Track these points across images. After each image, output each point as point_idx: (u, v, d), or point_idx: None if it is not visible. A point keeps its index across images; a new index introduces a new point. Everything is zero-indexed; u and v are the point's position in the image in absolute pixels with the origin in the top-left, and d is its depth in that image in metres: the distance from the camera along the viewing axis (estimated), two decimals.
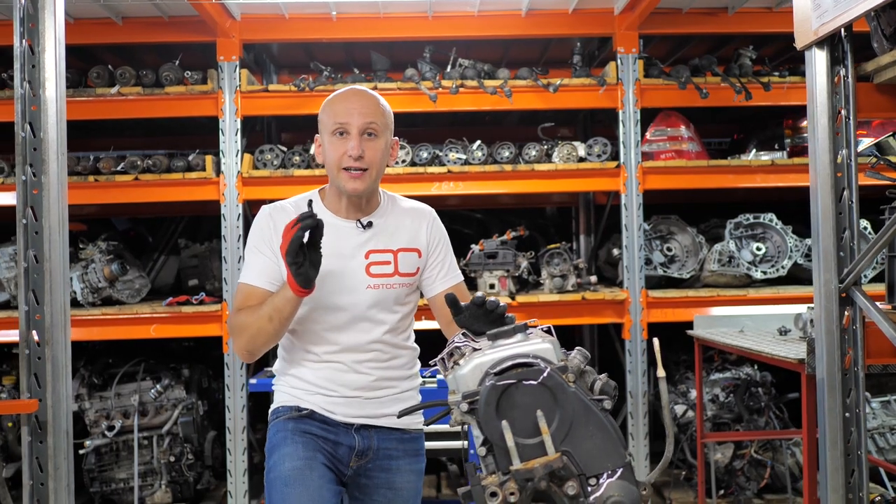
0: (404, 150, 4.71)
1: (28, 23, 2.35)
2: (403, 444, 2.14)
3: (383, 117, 2.08)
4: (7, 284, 4.56)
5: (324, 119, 2.09)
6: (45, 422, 2.39)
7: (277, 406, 2.14)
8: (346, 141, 2.02)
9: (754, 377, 4.83)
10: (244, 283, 2.07)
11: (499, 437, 1.41)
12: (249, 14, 4.63)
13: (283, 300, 1.92)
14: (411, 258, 2.13)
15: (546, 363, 1.46)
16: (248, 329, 1.97)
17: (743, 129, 5.76)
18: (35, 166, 2.41)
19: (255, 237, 2.09)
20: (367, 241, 2.09)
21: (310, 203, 1.87)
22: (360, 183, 2.02)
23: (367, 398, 2.09)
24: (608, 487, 1.40)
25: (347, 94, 2.09)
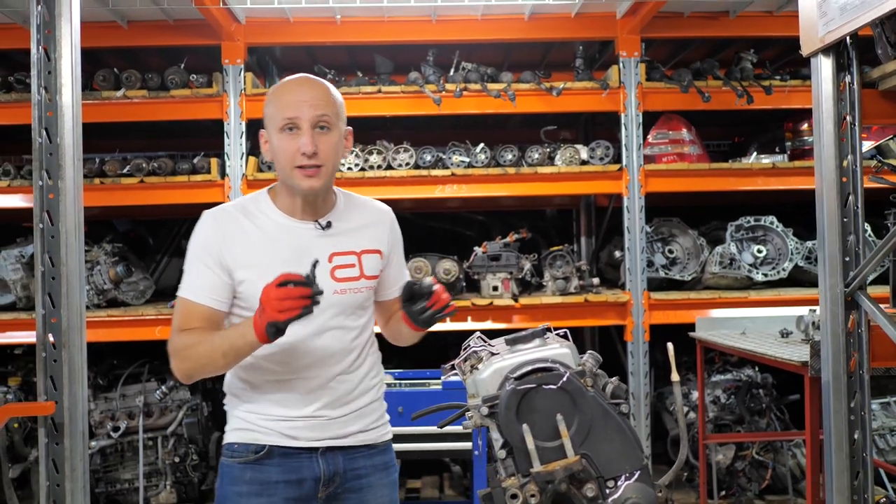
0: (408, 152, 4.73)
1: (44, 29, 2.38)
2: (372, 460, 1.99)
3: (335, 107, 1.92)
4: (14, 286, 4.58)
5: (270, 113, 1.90)
6: (61, 423, 2.42)
7: (231, 442, 1.94)
8: (298, 136, 1.85)
9: (755, 379, 4.87)
10: (186, 298, 1.88)
11: (519, 440, 1.44)
12: (254, 17, 4.65)
13: (244, 343, 1.76)
14: (374, 260, 2.00)
15: (565, 368, 1.50)
16: (195, 358, 1.83)
17: (744, 132, 5.80)
18: (51, 171, 2.44)
19: (198, 246, 1.90)
20: (328, 243, 1.94)
21: (314, 265, 1.70)
22: (316, 181, 1.86)
23: (330, 418, 1.92)
24: (626, 489, 1.44)
25: (294, 85, 1.92)
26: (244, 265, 1.87)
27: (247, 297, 1.88)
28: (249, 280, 1.86)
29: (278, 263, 1.81)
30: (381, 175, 4.66)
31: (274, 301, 1.66)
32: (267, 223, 1.92)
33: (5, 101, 4.53)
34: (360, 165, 4.69)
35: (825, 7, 2.42)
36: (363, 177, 4.66)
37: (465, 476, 4.93)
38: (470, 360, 1.71)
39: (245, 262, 1.87)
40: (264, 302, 1.68)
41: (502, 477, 1.49)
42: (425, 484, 5.12)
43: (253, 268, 1.86)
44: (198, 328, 1.86)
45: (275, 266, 1.79)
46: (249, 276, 1.86)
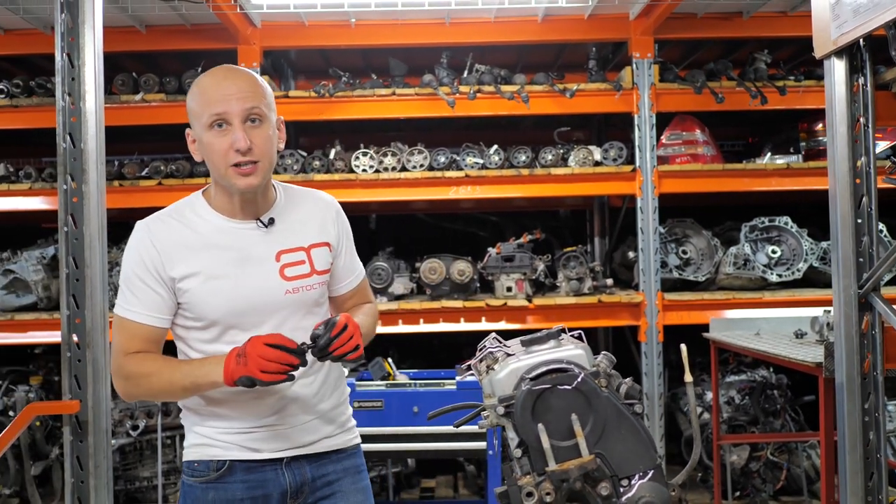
0: (422, 154, 4.77)
1: (68, 37, 2.43)
2: (341, 464, 1.90)
3: (265, 97, 1.78)
4: (35, 286, 4.65)
5: (196, 109, 1.76)
6: (85, 421, 2.47)
7: (191, 459, 1.84)
8: (228, 133, 1.72)
9: (770, 380, 4.87)
10: (126, 318, 1.77)
11: (535, 439, 1.47)
12: (269, 21, 4.70)
13: (207, 382, 1.70)
14: (323, 253, 1.88)
15: (580, 369, 1.53)
16: (149, 388, 1.75)
17: (758, 132, 5.80)
18: (75, 175, 2.49)
19: (134, 262, 1.77)
20: (274, 241, 1.82)
21: (308, 345, 1.66)
22: (255, 178, 1.74)
23: (292, 426, 1.83)
24: (640, 488, 1.47)
25: (219, 78, 1.77)
26: (186, 274, 1.76)
27: (192, 307, 1.77)
28: (193, 289, 1.76)
29: (222, 268, 1.76)
30: (396, 177, 4.70)
31: (260, 360, 1.60)
32: (205, 227, 1.80)
33: (27, 104, 4.60)
34: (375, 167, 4.73)
35: (838, 10, 2.44)
36: (377, 178, 4.70)
37: (479, 475, 4.96)
38: (486, 360, 1.74)
39: (187, 271, 1.76)
40: (249, 354, 1.61)
41: (518, 475, 1.52)
42: (440, 483, 5.16)
43: (196, 276, 1.76)
44: (144, 352, 1.77)
45: (219, 271, 1.75)
46: (193, 284, 1.76)
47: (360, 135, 5.34)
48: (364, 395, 4.03)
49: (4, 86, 4.60)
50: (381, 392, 4.04)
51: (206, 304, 1.76)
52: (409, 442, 3.99)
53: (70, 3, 2.40)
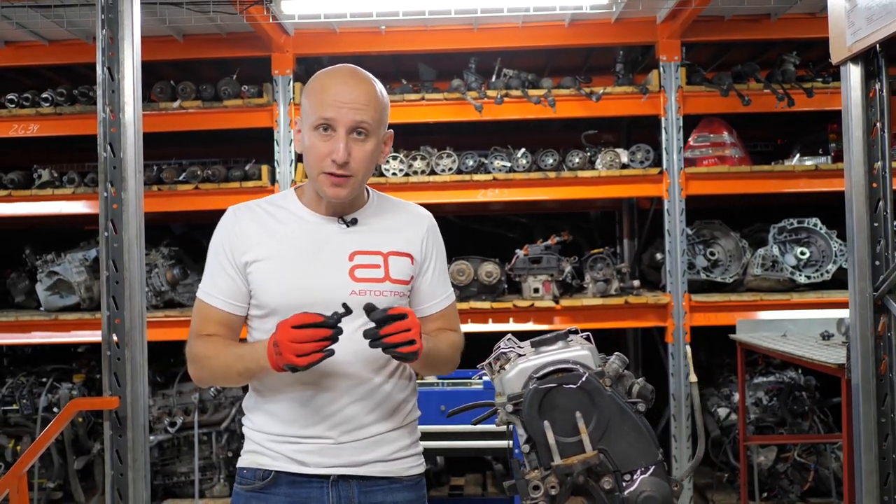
0: (450, 158, 4.85)
1: (108, 52, 2.57)
2: (393, 496, 1.79)
3: (378, 113, 1.74)
4: (78, 287, 4.84)
5: (307, 106, 1.75)
6: (124, 417, 2.61)
7: (242, 466, 1.83)
8: (331, 140, 1.70)
9: (798, 381, 4.87)
10: (202, 301, 1.80)
11: (541, 435, 1.54)
12: (302, 29, 4.83)
13: (258, 368, 1.67)
14: (403, 263, 1.82)
15: (585, 369, 1.60)
16: (211, 371, 1.76)
17: (787, 133, 5.78)
18: (115, 183, 2.63)
19: (216, 245, 1.81)
20: (351, 240, 1.79)
21: (342, 313, 1.59)
22: (343, 190, 1.73)
23: (342, 442, 1.75)
24: (641, 483, 1.53)
25: (337, 82, 1.73)
26: (256, 259, 1.76)
27: (256, 293, 1.77)
28: (259, 274, 1.75)
29: (292, 257, 1.75)
30: (425, 180, 4.80)
31: (292, 345, 1.55)
32: (288, 217, 1.80)
33: (70, 112, 4.79)
34: (405, 171, 4.83)
35: (852, 17, 2.47)
36: (407, 182, 4.80)
37: (507, 474, 5.03)
38: (500, 360, 1.82)
39: (257, 256, 1.76)
40: (280, 342, 1.57)
41: (527, 470, 1.60)
42: (468, 481, 5.25)
43: (264, 261, 1.76)
44: (214, 335, 1.77)
45: (287, 259, 1.75)
46: (260, 269, 1.75)
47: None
48: None
49: (49, 94, 4.80)
50: None
51: (266, 291, 1.75)
52: (437, 440, 4.08)
53: (110, 20, 2.54)
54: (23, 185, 4.91)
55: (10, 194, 4.86)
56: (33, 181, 4.93)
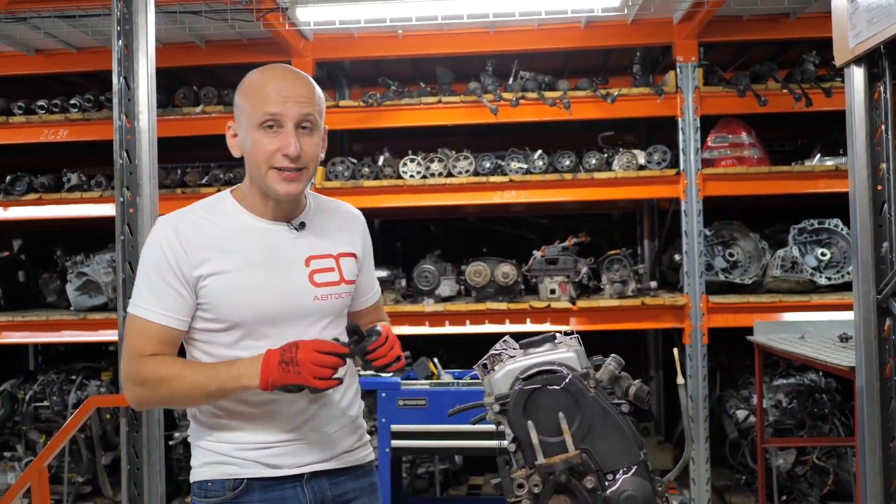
0: (467, 160, 4.90)
1: (125, 62, 2.66)
2: (359, 482, 1.87)
3: (320, 105, 1.75)
4: (105, 288, 4.98)
5: (247, 106, 1.72)
6: (140, 414, 2.70)
7: (203, 480, 1.75)
8: (279, 136, 1.69)
9: (819, 383, 4.83)
10: (142, 318, 1.69)
11: (525, 435, 1.58)
12: (321, 35, 4.91)
13: (237, 386, 1.63)
14: (351, 264, 1.86)
15: (569, 370, 1.63)
16: (171, 391, 1.66)
17: (808, 133, 5.73)
18: (131, 188, 2.72)
19: (158, 259, 1.69)
20: (304, 245, 1.79)
21: (357, 335, 1.64)
22: (297, 185, 1.72)
23: (314, 440, 1.77)
24: (623, 482, 1.57)
25: (277, 78, 1.73)
26: (211, 272, 1.69)
27: (215, 307, 1.70)
28: (218, 288, 1.69)
29: (250, 268, 1.72)
30: (442, 182, 4.85)
31: (315, 367, 1.57)
32: (234, 225, 1.75)
33: (97, 118, 4.93)
34: (422, 173, 4.88)
35: (854, 19, 2.47)
36: (424, 184, 4.85)
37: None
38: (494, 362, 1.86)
39: (212, 270, 1.69)
40: (302, 361, 1.57)
41: (514, 469, 1.64)
42: (487, 481, 5.29)
43: (221, 275, 1.70)
44: (160, 355, 1.68)
45: (247, 271, 1.70)
46: (218, 283, 1.69)
47: (410, 141, 5.51)
48: (409, 393, 4.18)
49: (77, 100, 4.94)
50: (424, 391, 4.18)
51: (230, 305, 1.70)
52: (452, 439, 4.12)
53: (126, 31, 2.63)
54: (52, 189, 5.06)
55: (41, 198, 5.02)
56: (63, 185, 5.09)
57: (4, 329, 5.02)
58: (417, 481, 5.21)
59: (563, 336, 1.83)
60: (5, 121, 4.98)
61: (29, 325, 5.01)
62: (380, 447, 4.15)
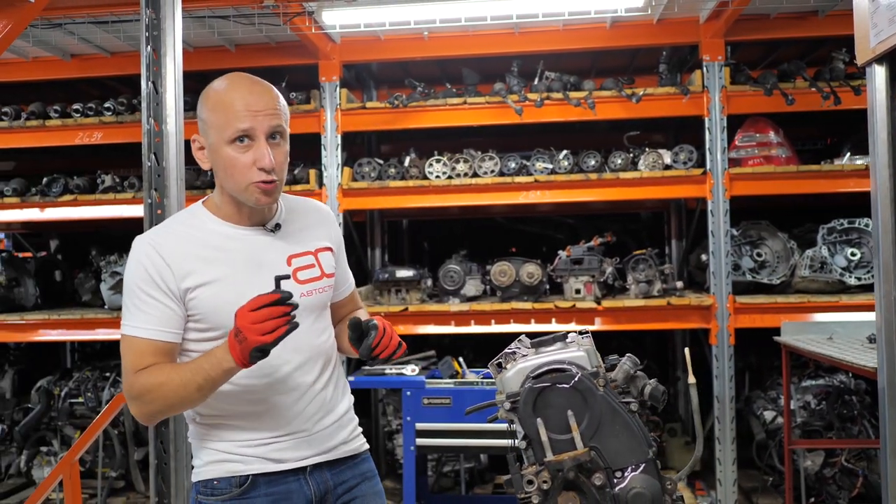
0: (493, 160, 4.92)
1: (153, 67, 2.74)
2: (357, 469, 1.94)
3: (286, 113, 1.79)
4: None
5: (215, 121, 1.73)
6: None
7: (209, 478, 1.79)
8: (252, 149, 1.71)
9: (848, 385, 4.77)
10: (135, 336, 1.71)
11: (535, 432, 1.61)
12: (348, 37, 4.97)
13: (220, 372, 1.63)
14: (328, 257, 1.92)
15: (579, 369, 1.66)
16: (164, 399, 1.67)
17: (838, 131, 5.66)
18: (159, 190, 2.80)
19: (140, 276, 1.71)
20: (282, 245, 1.84)
21: (279, 280, 1.62)
22: (272, 196, 1.76)
23: (315, 431, 1.84)
24: (632, 480, 1.59)
25: (244, 91, 1.73)
26: (199, 284, 1.73)
27: (207, 316, 1.74)
28: (207, 298, 1.73)
29: (235, 275, 1.75)
30: (467, 182, 4.88)
31: (255, 325, 1.56)
32: (212, 236, 1.79)
33: (130, 120, 5.04)
34: (447, 174, 4.92)
35: (875, 18, 2.45)
36: (449, 184, 4.89)
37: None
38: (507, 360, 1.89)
39: (199, 281, 1.73)
40: (242, 327, 1.56)
41: (525, 466, 1.67)
42: None
43: (209, 285, 1.74)
44: (154, 365, 1.71)
45: (233, 278, 1.75)
46: (207, 293, 1.73)
47: (436, 142, 5.56)
48: (433, 392, 4.23)
49: (111, 104, 5.06)
50: (449, 390, 4.23)
51: (221, 312, 1.72)
52: (476, 438, 4.16)
53: (154, 37, 2.71)
54: (87, 190, 5.19)
55: (76, 199, 5.15)
56: (97, 186, 5.21)
57: (41, 327, 5.17)
58: (443, 479, 5.25)
59: (575, 335, 1.86)
60: (42, 124, 5.13)
61: (65, 324, 5.15)
62: (405, 445, 4.20)
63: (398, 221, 6.56)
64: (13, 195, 5.21)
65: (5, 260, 5.51)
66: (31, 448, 5.34)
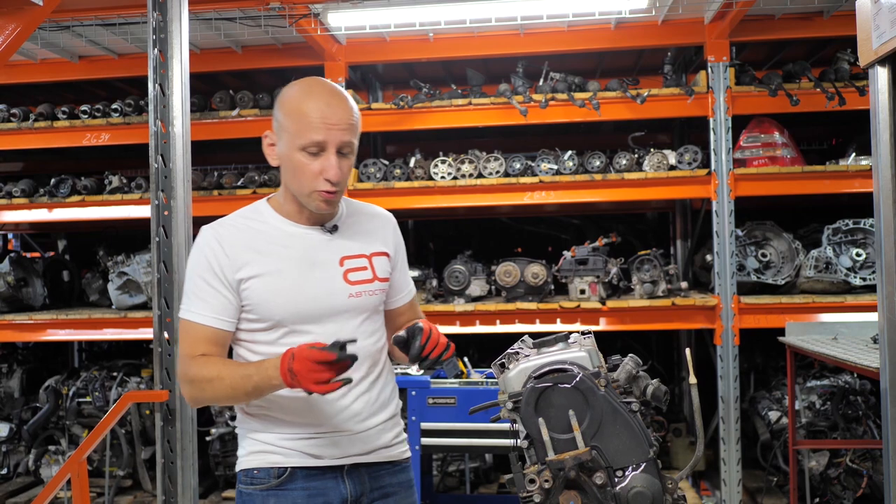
0: (498, 161, 4.94)
1: (159, 69, 2.76)
2: (397, 477, 1.95)
3: (358, 129, 1.84)
4: (145, 287, 5.13)
5: (291, 126, 1.78)
6: (174, 409, 2.80)
7: (250, 468, 1.85)
8: (321, 159, 1.77)
9: (853, 385, 4.77)
10: (192, 321, 1.79)
11: (536, 432, 1.63)
12: (353, 39, 4.99)
13: (269, 387, 1.70)
14: (383, 262, 1.96)
15: (581, 369, 1.67)
16: (214, 391, 1.75)
17: (844, 132, 5.65)
18: (166, 192, 2.82)
19: (201, 264, 1.80)
20: (337, 246, 1.89)
21: (344, 344, 1.62)
22: (333, 205, 1.84)
23: (355, 432, 1.86)
24: (632, 479, 1.60)
25: (321, 102, 1.78)
26: (252, 275, 1.80)
27: (257, 307, 1.81)
28: (259, 289, 1.80)
29: (288, 269, 1.82)
30: (472, 183, 4.90)
31: (311, 374, 1.60)
32: (272, 231, 1.86)
33: (138, 122, 5.07)
34: (453, 174, 4.93)
35: (878, 20, 2.46)
36: (455, 185, 4.91)
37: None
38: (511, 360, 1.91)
39: (253, 272, 1.80)
40: (298, 373, 1.60)
41: (528, 465, 1.69)
42: None
43: (261, 276, 1.80)
44: (211, 356, 1.79)
45: (285, 272, 1.81)
46: (258, 284, 1.80)
47: (441, 142, 5.58)
48: (438, 392, 4.23)
49: (118, 105, 5.10)
50: (454, 389, 4.23)
51: (271, 304, 1.79)
52: (481, 438, 4.17)
53: (161, 40, 2.73)
54: (95, 191, 5.23)
55: (84, 199, 5.19)
56: (104, 187, 5.25)
57: (50, 327, 5.21)
58: (448, 479, 5.27)
59: (578, 335, 1.87)
60: (50, 125, 5.17)
61: (73, 323, 5.19)
62: (410, 445, 4.21)
63: (403, 222, 6.56)
64: (21, 196, 5.25)
65: (14, 260, 5.56)
66: (39, 447, 5.39)
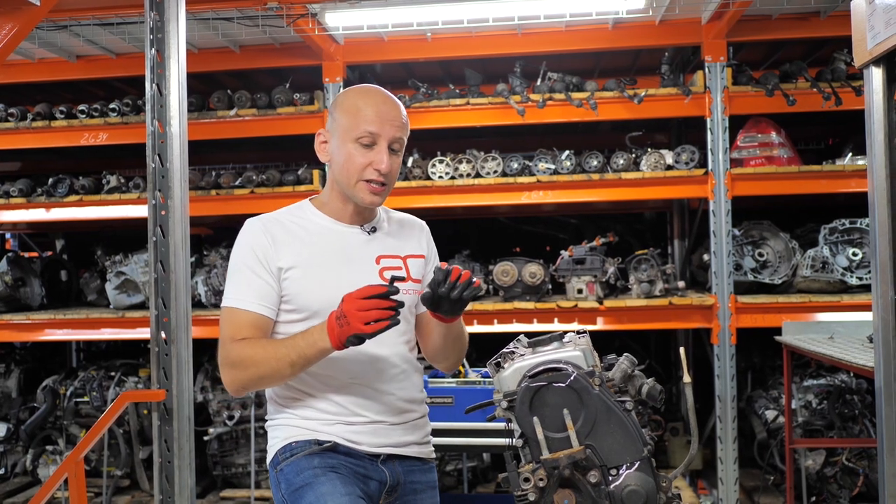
0: (495, 160, 4.94)
1: (157, 69, 2.77)
2: (426, 476, 2.02)
3: (407, 130, 1.96)
4: (143, 287, 5.13)
5: (346, 121, 1.90)
6: (171, 409, 2.81)
7: (289, 442, 1.89)
8: (373, 152, 1.88)
9: (850, 384, 4.78)
10: (236, 307, 1.86)
11: (531, 430, 1.64)
12: (351, 38, 4.99)
13: (314, 351, 1.76)
14: (419, 264, 2.04)
15: (575, 368, 1.68)
16: (258, 368, 1.79)
17: (840, 132, 5.67)
18: (163, 191, 2.83)
19: (247, 254, 1.88)
20: (374, 246, 1.98)
21: (393, 280, 1.70)
22: (380, 198, 1.92)
23: (392, 423, 1.93)
24: (626, 478, 1.61)
25: (377, 101, 1.92)
26: (292, 265, 1.88)
27: (294, 297, 1.88)
28: (297, 279, 1.88)
29: (326, 262, 1.90)
30: (470, 183, 4.90)
31: (360, 313, 1.66)
32: (314, 227, 1.95)
33: (136, 121, 5.07)
34: (450, 174, 4.94)
35: (872, 20, 2.47)
36: (452, 185, 4.91)
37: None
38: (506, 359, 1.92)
39: (293, 262, 1.88)
40: (347, 312, 1.67)
41: (523, 464, 1.70)
42: None
43: (300, 267, 1.88)
44: (251, 338, 1.84)
45: (323, 264, 1.89)
46: (297, 275, 1.88)
47: (439, 142, 5.58)
48: (435, 391, 4.23)
49: (116, 105, 5.10)
50: (451, 388, 4.24)
51: (308, 294, 1.87)
52: (478, 437, 4.17)
53: (158, 40, 2.74)
54: (93, 191, 5.23)
55: (82, 199, 5.19)
56: (102, 186, 5.25)
57: (47, 326, 5.21)
58: (446, 478, 5.28)
59: (573, 335, 1.88)
60: (47, 125, 5.17)
61: (70, 323, 5.19)
62: None
63: None
64: (19, 195, 5.25)
65: (11, 260, 5.56)
66: (36, 447, 5.39)
